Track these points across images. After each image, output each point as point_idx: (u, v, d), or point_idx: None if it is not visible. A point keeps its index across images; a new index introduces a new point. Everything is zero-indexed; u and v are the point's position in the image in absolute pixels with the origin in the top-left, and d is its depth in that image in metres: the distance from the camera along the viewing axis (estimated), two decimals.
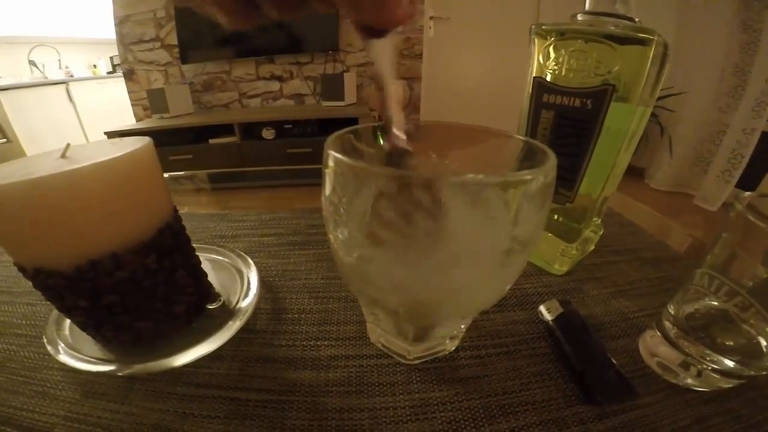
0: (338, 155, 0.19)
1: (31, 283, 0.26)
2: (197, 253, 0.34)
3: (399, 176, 0.18)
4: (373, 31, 0.18)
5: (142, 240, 0.26)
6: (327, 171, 0.21)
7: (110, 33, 2.75)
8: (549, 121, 0.35)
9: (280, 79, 2.85)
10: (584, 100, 0.32)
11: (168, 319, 0.30)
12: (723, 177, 2.15)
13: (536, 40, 0.35)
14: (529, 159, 0.23)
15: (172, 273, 0.29)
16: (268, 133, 2.52)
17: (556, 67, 0.34)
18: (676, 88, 2.27)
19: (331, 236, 0.24)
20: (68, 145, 0.26)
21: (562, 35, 0.33)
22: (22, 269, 0.25)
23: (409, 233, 0.19)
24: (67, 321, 0.31)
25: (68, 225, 0.23)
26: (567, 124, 0.34)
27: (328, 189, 0.22)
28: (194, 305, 0.32)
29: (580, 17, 0.33)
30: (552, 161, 0.19)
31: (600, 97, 0.32)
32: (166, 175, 0.71)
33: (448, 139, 0.28)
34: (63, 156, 0.25)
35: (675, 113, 2.35)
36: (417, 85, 2.83)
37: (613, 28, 0.31)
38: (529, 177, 0.18)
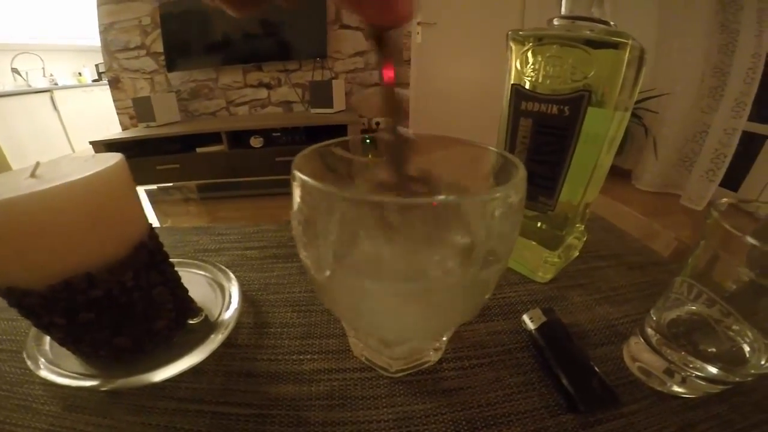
0: (303, 176, 0.19)
1: None
2: (178, 269, 0.33)
3: (364, 200, 0.18)
4: (379, 29, 0.20)
5: (117, 258, 0.26)
6: (294, 185, 0.21)
7: (95, 40, 2.72)
8: (528, 128, 0.35)
9: (268, 86, 2.85)
10: (561, 106, 0.32)
11: (148, 335, 0.29)
12: (707, 176, 2.19)
13: (513, 46, 0.35)
14: (503, 171, 0.23)
15: (149, 290, 0.29)
16: (256, 142, 2.52)
17: (533, 74, 0.34)
18: (659, 89, 2.31)
19: (301, 255, 0.23)
20: (38, 163, 0.25)
21: (539, 41, 0.33)
22: None
23: (377, 253, 0.19)
24: (47, 336, 0.30)
25: (39, 245, 0.23)
26: (545, 131, 0.34)
27: (295, 207, 0.21)
28: (174, 321, 0.31)
29: (556, 22, 0.33)
30: (521, 175, 0.19)
31: (576, 103, 0.32)
32: (153, 186, 0.72)
33: (425, 150, 0.28)
34: (32, 175, 0.24)
35: (658, 114, 2.38)
36: (405, 90, 2.84)
37: (587, 32, 0.31)
38: (497, 195, 0.18)
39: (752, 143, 2.07)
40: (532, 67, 0.34)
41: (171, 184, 0.75)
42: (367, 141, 0.27)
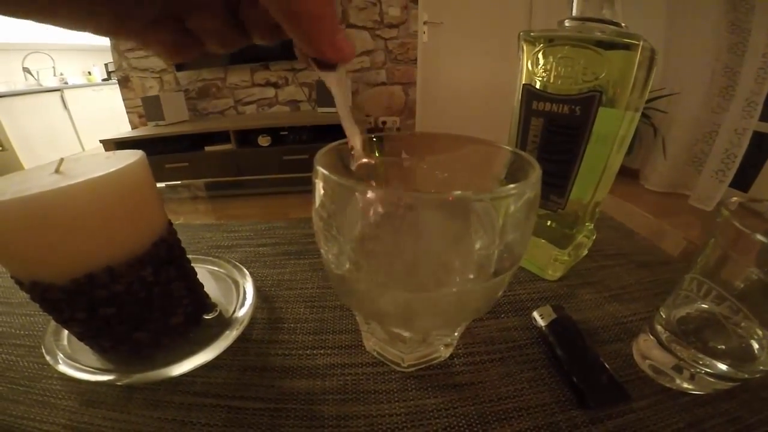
0: (326, 172, 0.19)
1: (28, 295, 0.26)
2: (193, 265, 0.34)
3: (386, 195, 0.18)
4: (324, 64, 0.20)
5: (137, 253, 0.27)
6: (317, 181, 0.21)
7: (105, 39, 2.74)
8: (539, 128, 0.35)
9: (275, 85, 2.86)
10: (573, 106, 0.33)
11: (165, 329, 0.30)
12: (717, 177, 2.17)
13: (525, 46, 0.35)
14: (516, 169, 0.23)
15: (167, 285, 0.29)
16: (263, 140, 2.52)
17: (544, 74, 0.34)
18: (668, 89, 2.29)
19: (321, 250, 0.24)
20: (62, 159, 0.26)
21: (550, 42, 0.33)
22: (19, 282, 0.25)
23: (396, 249, 0.19)
24: (65, 331, 0.31)
25: (63, 240, 0.24)
26: (556, 131, 0.34)
27: (317, 202, 0.22)
28: (191, 316, 0.32)
29: (567, 23, 0.33)
30: (537, 174, 0.20)
31: (588, 103, 0.32)
32: (162, 184, 0.72)
33: (438, 149, 0.28)
34: (57, 171, 0.25)
35: (668, 114, 2.36)
36: (412, 89, 2.85)
37: (599, 33, 0.31)
38: (514, 191, 0.18)
39: (763, 143, 2.04)
40: (543, 67, 0.34)
41: (180, 182, 0.76)
42: (374, 140, 0.28)
